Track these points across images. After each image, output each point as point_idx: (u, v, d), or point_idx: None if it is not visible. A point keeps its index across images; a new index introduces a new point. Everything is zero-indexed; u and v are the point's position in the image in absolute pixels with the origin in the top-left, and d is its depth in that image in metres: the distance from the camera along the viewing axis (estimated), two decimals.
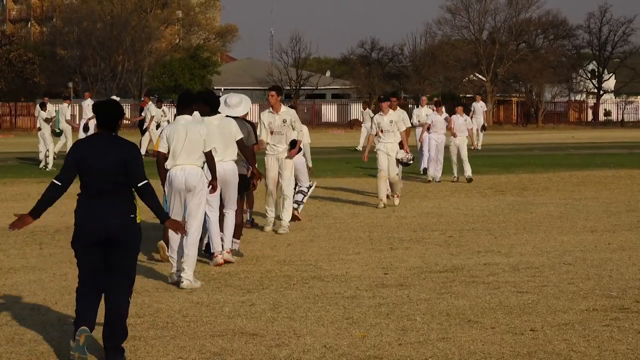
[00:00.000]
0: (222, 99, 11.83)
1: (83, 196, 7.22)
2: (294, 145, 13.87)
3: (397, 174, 18.29)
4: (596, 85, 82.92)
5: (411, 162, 17.48)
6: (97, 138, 7.21)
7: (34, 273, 10.79)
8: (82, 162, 7.14)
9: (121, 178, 7.14)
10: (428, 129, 23.33)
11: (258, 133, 13.52)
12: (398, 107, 18.15)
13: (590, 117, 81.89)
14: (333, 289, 9.66)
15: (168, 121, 30.74)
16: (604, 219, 15.25)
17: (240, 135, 11.35)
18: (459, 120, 22.68)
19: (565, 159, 31.12)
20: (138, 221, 7.22)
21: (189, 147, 10.10)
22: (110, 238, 7.08)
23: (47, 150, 27.63)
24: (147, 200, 7.29)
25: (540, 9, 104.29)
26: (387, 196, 17.43)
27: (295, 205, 15.54)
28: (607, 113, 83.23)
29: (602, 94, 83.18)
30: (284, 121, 13.77)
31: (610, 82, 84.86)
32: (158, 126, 30.50)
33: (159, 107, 32.16)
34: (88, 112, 31.41)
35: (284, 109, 13.84)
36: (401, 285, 9.83)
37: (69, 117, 31.99)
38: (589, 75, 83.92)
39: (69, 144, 31.39)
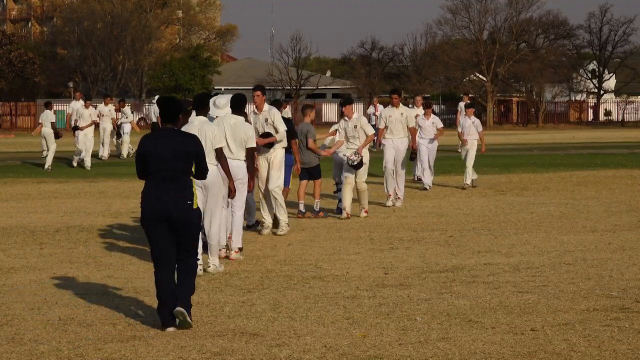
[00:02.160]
0: (211, 100, 12.03)
1: (149, 182, 8.19)
2: (265, 136, 13.63)
3: (405, 179, 18.04)
4: (596, 85, 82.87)
5: (355, 164, 15.52)
6: (162, 131, 8.24)
7: (35, 273, 10.79)
8: (148, 154, 8.13)
9: (182, 166, 8.13)
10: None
11: None
12: (401, 105, 17.63)
13: (590, 117, 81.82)
14: (333, 289, 9.65)
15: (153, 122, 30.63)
16: (604, 219, 15.24)
17: (253, 144, 11.95)
18: (467, 122, 21.11)
19: (565, 159, 31.08)
20: (195, 207, 8.16)
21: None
22: (170, 219, 8.05)
23: (47, 150, 27.47)
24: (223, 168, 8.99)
25: (541, 9, 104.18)
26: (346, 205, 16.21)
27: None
28: (608, 113, 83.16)
29: (603, 94, 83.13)
30: (266, 120, 13.67)
31: (610, 82, 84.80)
32: (119, 127, 29.41)
33: (122, 107, 30.97)
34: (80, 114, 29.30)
35: (266, 107, 13.71)
36: (401, 285, 9.82)
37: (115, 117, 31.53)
38: (589, 75, 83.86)
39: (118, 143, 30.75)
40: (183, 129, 10.53)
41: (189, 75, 70.65)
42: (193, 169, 8.29)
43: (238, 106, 12.14)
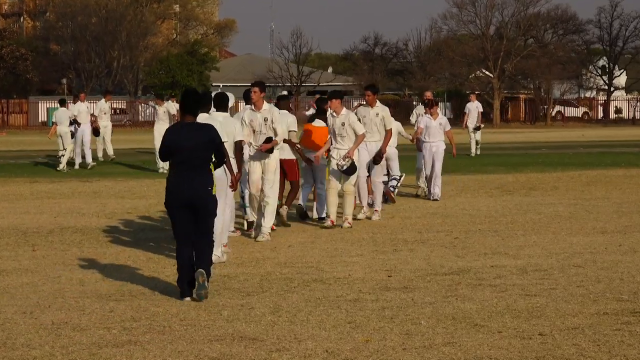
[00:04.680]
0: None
1: (173, 170, 9.31)
2: (268, 141, 13.15)
3: (388, 183, 17.13)
4: (607, 81, 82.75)
5: (344, 169, 14.32)
6: (185, 124, 9.37)
7: (27, 275, 10.69)
8: (172, 144, 9.24)
9: (203, 156, 9.27)
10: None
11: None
12: (378, 103, 15.46)
13: (600, 115, 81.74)
14: (335, 292, 9.55)
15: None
16: (614, 220, 15.14)
17: (240, 137, 11.84)
18: (432, 124, 18.50)
19: (574, 157, 31.21)
20: (214, 192, 9.36)
21: None
22: (192, 204, 9.21)
23: (64, 150, 26.70)
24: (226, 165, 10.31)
25: (549, 3, 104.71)
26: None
27: (392, 189, 17.68)
28: (618, 110, 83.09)
29: (613, 91, 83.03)
30: (265, 120, 13.17)
31: (621, 79, 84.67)
32: (76, 123, 27.26)
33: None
34: (84, 116, 27.50)
35: (266, 106, 13.21)
36: (405, 288, 9.72)
37: (174, 112, 30.32)
38: (599, 71, 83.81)
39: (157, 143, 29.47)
40: (208, 122, 10.88)
41: (186, 71, 70.63)
42: (213, 157, 9.46)
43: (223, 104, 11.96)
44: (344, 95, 19.64)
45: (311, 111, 15.20)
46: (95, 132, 28.19)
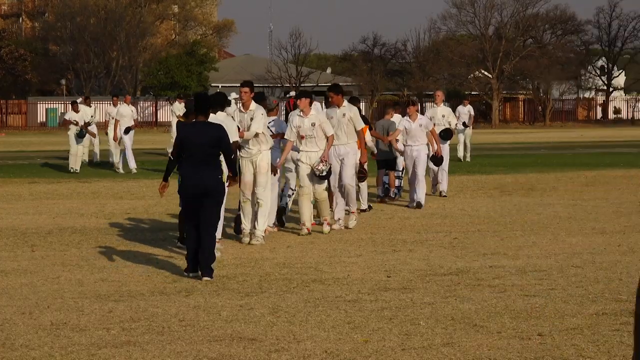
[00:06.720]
0: None
1: (186, 162, 10.34)
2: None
3: (357, 188, 15.85)
4: (605, 82, 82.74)
5: (323, 174, 13.60)
6: (196, 122, 10.50)
7: (26, 276, 10.65)
8: (185, 140, 10.32)
9: (213, 151, 10.34)
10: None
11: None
12: (346, 102, 14.58)
13: (599, 115, 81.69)
14: (334, 293, 9.51)
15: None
16: (613, 220, 15.10)
17: (236, 137, 12.02)
18: (412, 126, 17.16)
19: (573, 158, 31.16)
20: (224, 180, 10.54)
21: None
22: (205, 192, 10.28)
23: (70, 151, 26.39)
24: (229, 165, 10.70)
25: (548, 4, 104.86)
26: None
27: (396, 191, 18.28)
28: (617, 111, 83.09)
29: (612, 91, 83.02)
30: (252, 119, 12.98)
31: (619, 79, 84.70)
32: (89, 124, 26.86)
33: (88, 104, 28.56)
34: (127, 120, 26.43)
35: (252, 106, 13.03)
36: (404, 289, 9.69)
37: (179, 113, 29.14)
38: (598, 72, 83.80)
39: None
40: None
41: (185, 72, 70.58)
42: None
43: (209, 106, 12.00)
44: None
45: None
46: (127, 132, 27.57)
